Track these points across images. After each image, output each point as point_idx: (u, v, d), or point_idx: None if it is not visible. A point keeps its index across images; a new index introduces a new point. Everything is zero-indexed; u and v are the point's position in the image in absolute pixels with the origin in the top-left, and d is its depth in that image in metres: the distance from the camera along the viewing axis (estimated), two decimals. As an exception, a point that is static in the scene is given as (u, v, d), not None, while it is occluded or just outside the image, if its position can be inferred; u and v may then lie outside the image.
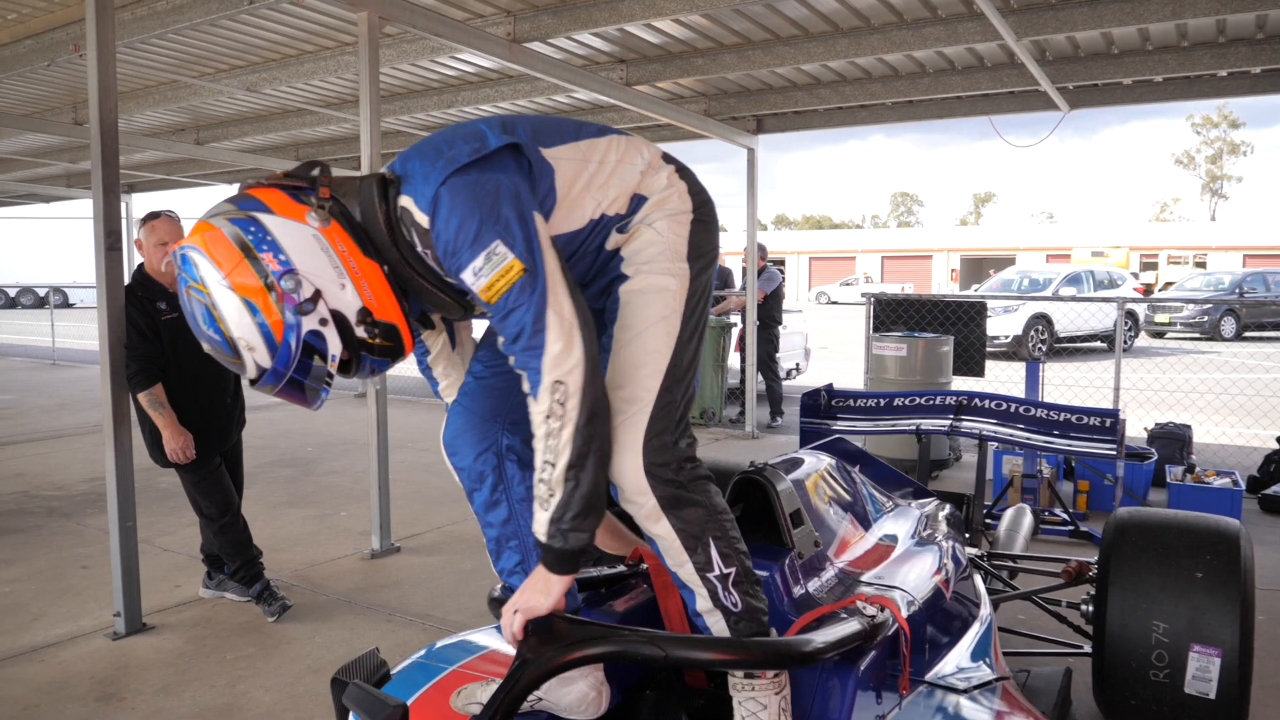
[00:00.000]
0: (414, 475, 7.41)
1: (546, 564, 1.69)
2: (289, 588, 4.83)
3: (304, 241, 1.62)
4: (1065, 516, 6.04)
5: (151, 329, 4.23)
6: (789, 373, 11.76)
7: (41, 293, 32.64)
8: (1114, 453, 4.10)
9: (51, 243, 32.40)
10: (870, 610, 2.15)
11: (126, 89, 8.51)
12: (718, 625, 1.87)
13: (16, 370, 15.82)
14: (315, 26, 6.63)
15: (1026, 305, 16.83)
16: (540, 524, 1.67)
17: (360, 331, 1.66)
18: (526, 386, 1.66)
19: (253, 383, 1.66)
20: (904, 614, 2.24)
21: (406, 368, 2.24)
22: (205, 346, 1.63)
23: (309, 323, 1.59)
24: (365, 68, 5.21)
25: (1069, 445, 4.18)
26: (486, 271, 1.61)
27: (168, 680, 3.87)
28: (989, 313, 9.33)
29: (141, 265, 4.41)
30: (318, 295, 1.60)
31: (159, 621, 4.48)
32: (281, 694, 3.71)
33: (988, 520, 4.76)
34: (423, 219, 1.66)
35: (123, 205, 8.00)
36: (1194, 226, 47.83)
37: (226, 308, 1.56)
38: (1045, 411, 4.39)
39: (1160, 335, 22.28)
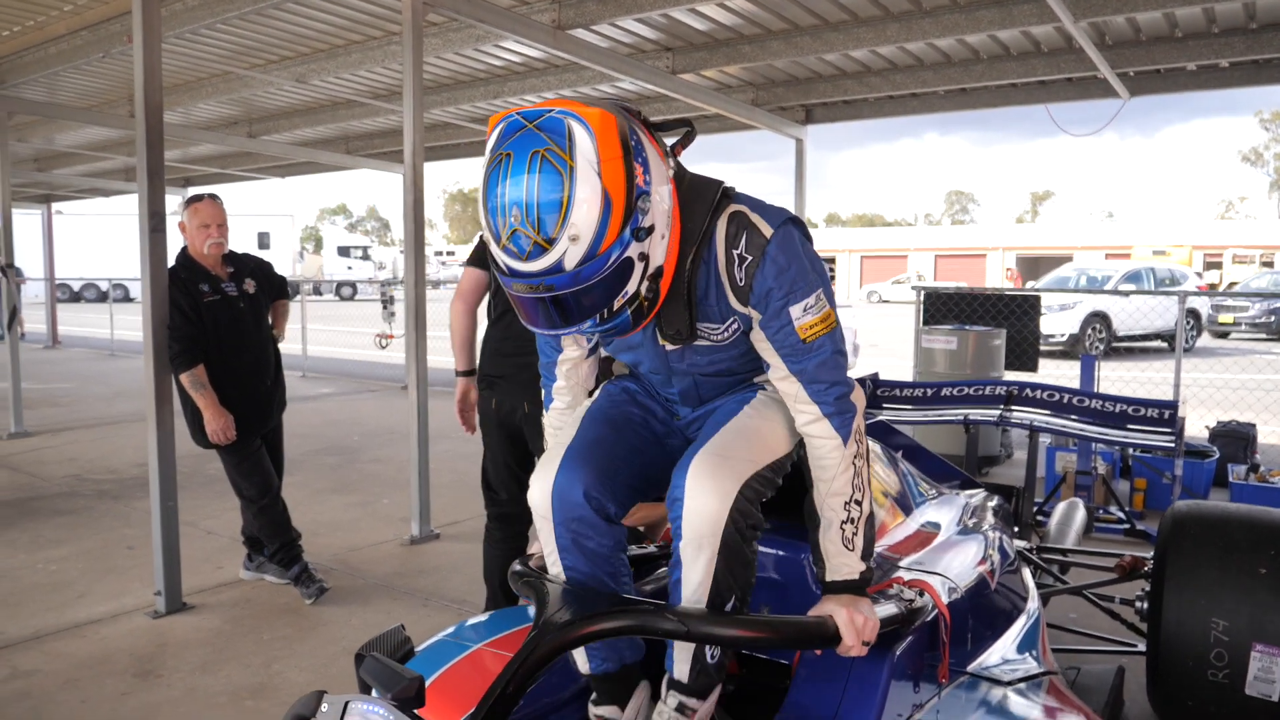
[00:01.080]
0: (456, 464, 7.41)
1: (861, 590, 1.80)
2: (328, 571, 4.84)
3: (661, 177, 1.60)
4: (1121, 515, 5.83)
5: (194, 310, 4.26)
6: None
7: (103, 287, 33.51)
8: (1172, 445, 3.93)
9: (113, 237, 33.23)
10: (908, 594, 2.05)
11: (181, 81, 8.65)
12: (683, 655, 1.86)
13: (76, 361, 16.22)
14: (362, 16, 6.66)
15: (1083, 303, 16.40)
16: (850, 563, 1.79)
17: (643, 286, 1.59)
18: (826, 430, 1.76)
19: (530, 279, 1.50)
20: (944, 600, 2.14)
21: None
22: (508, 216, 1.46)
23: (633, 250, 1.52)
24: (409, 54, 5.21)
25: (1124, 437, 4.02)
26: (814, 312, 1.72)
27: (204, 658, 3.89)
28: (1043, 310, 9.07)
29: (185, 249, 4.44)
30: (651, 230, 1.56)
31: (199, 601, 4.52)
32: (315, 674, 3.71)
33: (1038, 517, 4.60)
34: (766, 230, 1.69)
35: (178, 198, 8.12)
36: (1261, 224, 46.30)
37: (582, 190, 1.45)
38: (1100, 403, 4.23)
39: (1224, 335, 21.58)
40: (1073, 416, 4.22)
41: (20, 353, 9.28)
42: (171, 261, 4.38)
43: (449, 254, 52.12)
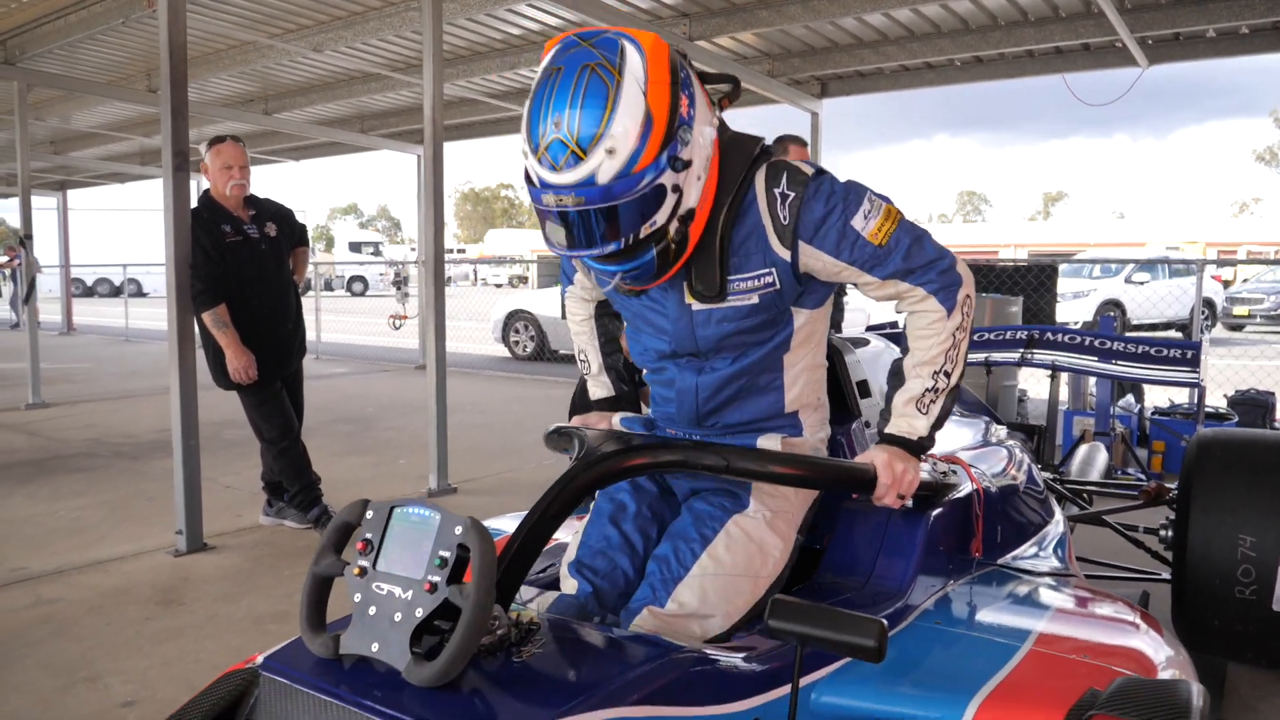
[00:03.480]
0: (471, 434, 7.42)
1: (915, 451, 1.77)
2: (346, 518, 4.84)
3: (704, 118, 1.61)
4: (1140, 476, 5.80)
5: (216, 250, 4.28)
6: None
7: (117, 281, 33.64)
8: (1195, 380, 3.91)
9: (127, 231, 33.43)
10: (942, 467, 2.05)
11: (197, 54, 8.68)
12: None
13: (91, 345, 16.29)
14: (380, -21, 6.68)
15: (1097, 291, 16.35)
16: (916, 425, 1.77)
17: (672, 226, 1.58)
18: (931, 305, 1.73)
19: (561, 190, 1.50)
20: (978, 479, 2.13)
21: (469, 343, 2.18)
22: (548, 124, 1.50)
23: (667, 178, 1.53)
24: (428, 10, 5.22)
25: (1146, 373, 4.00)
26: (875, 215, 1.68)
27: (226, 591, 3.91)
28: (1058, 297, 9.02)
29: (207, 190, 4.47)
30: (688, 165, 1.56)
31: (219, 543, 4.53)
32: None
33: (1060, 469, 4.59)
34: (807, 169, 1.71)
35: (191, 184, 8.14)
36: (1275, 222, 46.03)
37: (626, 105, 1.47)
38: (1121, 344, 4.22)
39: (1238, 329, 21.46)
40: (1094, 358, 4.21)
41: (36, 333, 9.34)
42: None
43: (459, 251, 52.34)
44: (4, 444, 7.15)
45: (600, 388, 2.19)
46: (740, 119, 2.06)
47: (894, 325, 4.47)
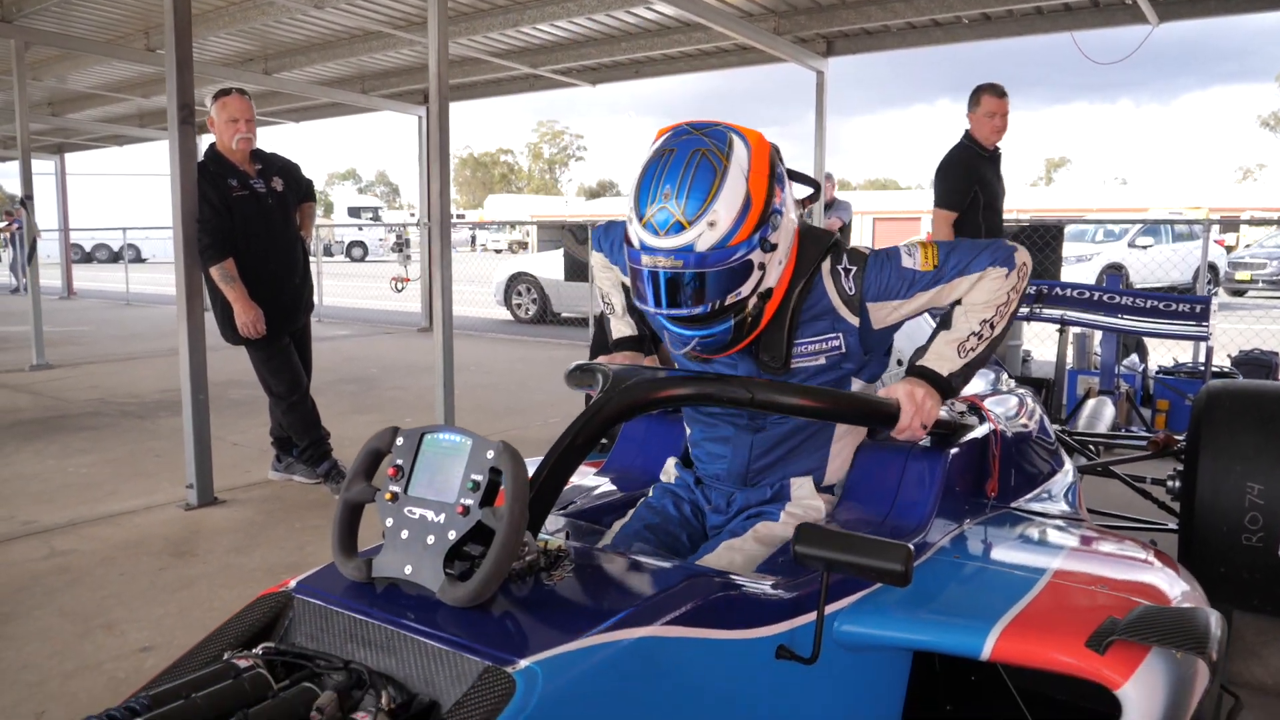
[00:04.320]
0: (476, 393, 7.44)
1: (940, 388, 1.81)
2: (355, 473, 4.87)
3: (791, 209, 1.80)
4: (1144, 434, 5.81)
5: (223, 204, 4.26)
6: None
7: (116, 247, 33.50)
8: (1205, 335, 3.91)
9: (125, 196, 33.23)
10: (960, 407, 2.05)
11: (197, 10, 8.54)
12: None
13: (93, 309, 16.27)
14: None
15: (1101, 255, 16.30)
16: (949, 364, 1.83)
17: (752, 301, 1.74)
18: (993, 270, 1.81)
19: (661, 253, 1.66)
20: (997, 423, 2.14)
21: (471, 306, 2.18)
22: (658, 195, 1.66)
23: (756, 256, 1.69)
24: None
25: (1155, 327, 4.01)
26: (915, 251, 1.85)
27: (238, 543, 3.93)
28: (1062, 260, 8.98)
29: (213, 144, 4.44)
30: (775, 247, 1.73)
31: (229, 498, 4.56)
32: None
33: (1066, 423, 4.60)
34: (865, 250, 1.89)
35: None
36: (1278, 188, 45.78)
37: (730, 187, 1.65)
38: (1129, 299, 4.21)
39: (1240, 294, 21.43)
40: (1102, 313, 4.21)
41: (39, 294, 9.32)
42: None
43: (459, 217, 52.14)
44: (10, 404, 7.17)
45: (625, 326, 2.25)
46: (746, 78, 2.08)
47: None
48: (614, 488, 2.14)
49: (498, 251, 39.69)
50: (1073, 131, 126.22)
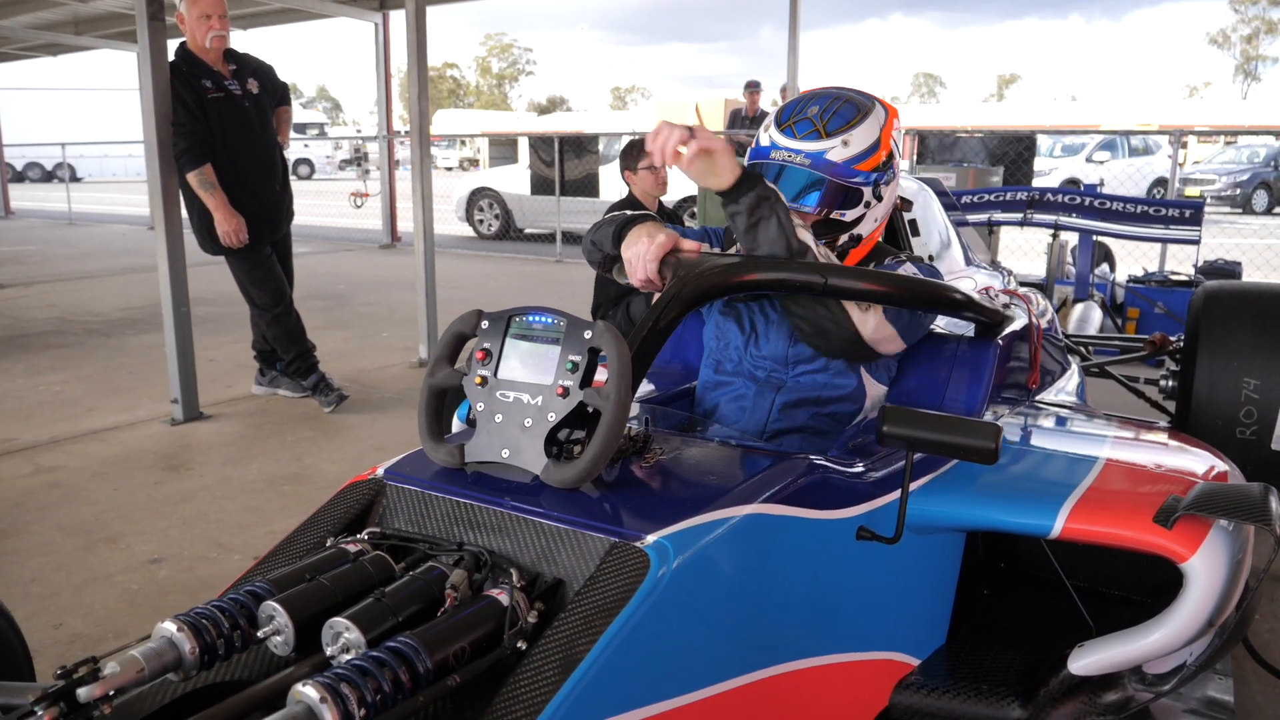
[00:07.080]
0: (449, 308, 7.22)
1: (741, 181, 1.62)
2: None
3: (894, 195, 1.92)
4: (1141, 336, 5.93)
5: (198, 106, 4.07)
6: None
7: (49, 166, 32.17)
8: (1197, 239, 3.96)
9: (60, 112, 31.72)
10: (1003, 299, 2.06)
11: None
12: None
13: (34, 229, 15.66)
14: None
15: (1059, 169, 16.43)
16: (803, 234, 1.68)
17: (845, 234, 1.84)
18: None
19: (792, 150, 1.79)
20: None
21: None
22: (805, 109, 1.83)
23: (867, 192, 1.81)
24: None
25: (1149, 233, 4.06)
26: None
27: (232, 456, 3.87)
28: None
29: (184, 43, 4.21)
30: (880, 200, 1.85)
31: (215, 412, 4.47)
32: (349, 465, 3.71)
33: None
34: (902, 256, 1.93)
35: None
36: (1226, 105, 46.29)
37: (869, 126, 1.81)
38: (1121, 204, 4.25)
39: (1190, 208, 21.80)
40: (1095, 218, 4.25)
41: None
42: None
43: (406, 134, 50.77)
44: (-35, 323, 6.92)
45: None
46: (685, 24, 2.03)
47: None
48: (652, 386, 2.12)
49: (448, 169, 38.81)
50: (1024, 48, 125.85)
